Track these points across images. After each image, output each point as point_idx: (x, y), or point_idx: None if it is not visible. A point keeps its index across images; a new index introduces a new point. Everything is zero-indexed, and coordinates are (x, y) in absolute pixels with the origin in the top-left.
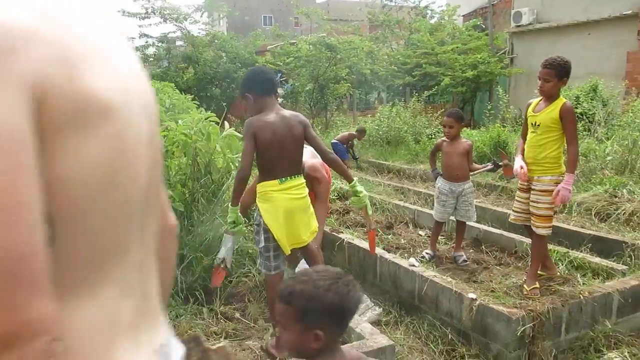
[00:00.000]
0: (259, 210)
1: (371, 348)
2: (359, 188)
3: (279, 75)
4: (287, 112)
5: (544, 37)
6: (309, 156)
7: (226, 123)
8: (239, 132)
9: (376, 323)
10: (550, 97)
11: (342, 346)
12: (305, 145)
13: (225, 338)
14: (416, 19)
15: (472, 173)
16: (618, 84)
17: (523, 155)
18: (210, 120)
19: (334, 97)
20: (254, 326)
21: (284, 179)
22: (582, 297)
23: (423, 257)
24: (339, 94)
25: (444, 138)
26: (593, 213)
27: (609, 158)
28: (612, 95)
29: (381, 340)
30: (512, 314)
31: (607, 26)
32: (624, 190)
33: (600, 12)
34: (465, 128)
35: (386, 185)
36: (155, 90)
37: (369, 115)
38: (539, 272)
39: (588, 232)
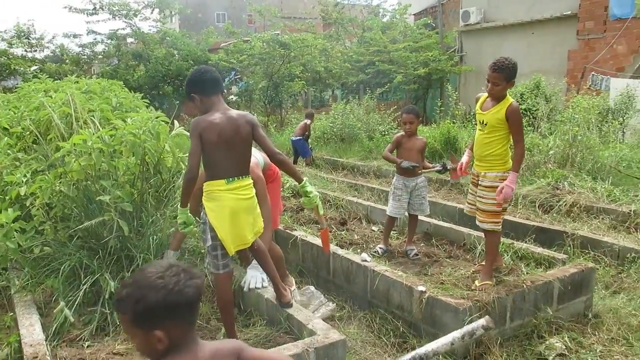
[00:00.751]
0: (204, 209)
1: (323, 344)
2: (309, 188)
3: (233, 73)
4: (234, 112)
5: (491, 36)
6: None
7: (176, 122)
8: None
9: (330, 319)
10: (498, 98)
11: (211, 342)
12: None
13: None
14: (368, 17)
15: (421, 171)
16: (560, 82)
17: (472, 150)
18: (159, 120)
19: (288, 95)
20: (206, 326)
21: (231, 179)
22: (525, 286)
23: (376, 251)
24: (293, 92)
25: (402, 133)
26: (537, 205)
27: (551, 152)
28: (554, 92)
29: (333, 335)
30: (459, 305)
31: (549, 26)
32: (565, 183)
33: (542, 12)
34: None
35: (340, 182)
36: (102, 88)
37: (323, 113)
38: (489, 282)
39: (532, 223)
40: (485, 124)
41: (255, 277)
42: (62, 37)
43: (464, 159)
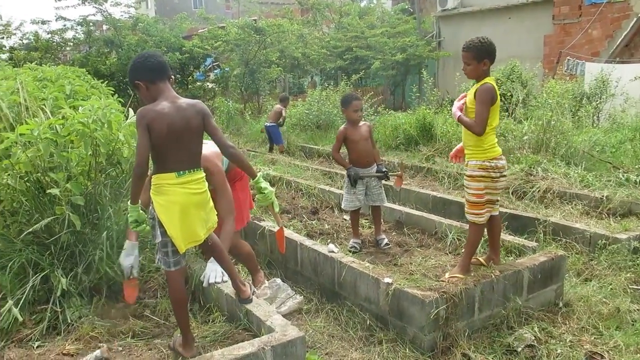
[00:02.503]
0: (153, 203)
1: (280, 341)
2: (264, 184)
3: (211, 60)
4: (183, 101)
5: (468, 21)
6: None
7: (131, 110)
8: None
9: (297, 312)
10: (476, 79)
11: None
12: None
13: (132, 337)
14: (346, 2)
15: (363, 174)
16: (535, 66)
17: None
18: (111, 108)
19: (265, 82)
20: (164, 323)
21: (181, 172)
22: (494, 276)
23: (353, 247)
24: (270, 78)
25: (345, 125)
26: (510, 192)
27: (525, 138)
28: (529, 77)
29: (291, 332)
30: (425, 297)
31: (525, 10)
32: (539, 169)
33: None
34: (393, 111)
35: (314, 169)
36: (57, 75)
37: (299, 99)
38: (461, 275)
39: (505, 210)
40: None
41: (215, 272)
42: (30, 23)
43: (458, 146)
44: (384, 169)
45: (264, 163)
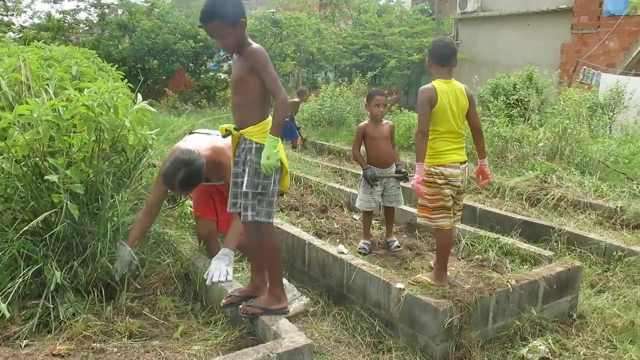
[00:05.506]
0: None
1: (287, 349)
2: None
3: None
4: None
5: (487, 25)
6: (207, 142)
7: (139, 95)
8: (175, 107)
9: (303, 314)
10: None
11: None
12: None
13: (129, 338)
14: None
15: (381, 174)
16: (552, 74)
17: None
18: (118, 92)
19: (279, 75)
20: (163, 323)
21: None
22: (509, 286)
23: (362, 248)
24: (284, 72)
25: (367, 122)
26: (524, 198)
27: (540, 144)
28: (546, 84)
29: (299, 339)
30: (439, 305)
31: (545, 18)
32: (554, 176)
33: (539, 4)
34: (407, 111)
35: (324, 166)
36: (63, 54)
37: (313, 95)
38: (429, 279)
39: (519, 217)
40: None
41: (219, 270)
42: (42, 1)
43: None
44: (404, 170)
45: None
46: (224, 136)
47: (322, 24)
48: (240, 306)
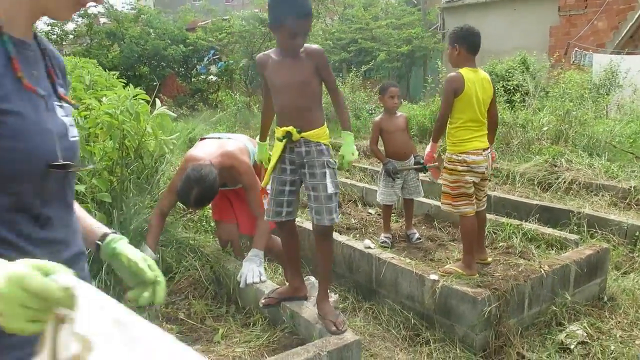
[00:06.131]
0: (327, 148)
1: (337, 346)
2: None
3: (212, 52)
4: None
5: (473, 13)
6: (218, 146)
7: (157, 101)
8: (171, 112)
9: None
10: (455, 66)
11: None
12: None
13: None
14: None
15: (401, 168)
16: (543, 57)
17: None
18: (139, 98)
19: None
20: (200, 327)
21: None
22: (543, 271)
23: (384, 242)
24: None
25: (381, 116)
26: (535, 183)
27: (544, 128)
28: (541, 67)
29: (347, 336)
30: (477, 294)
31: (530, 2)
32: (562, 160)
33: None
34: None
35: None
36: (72, 65)
37: None
38: (458, 269)
39: (534, 202)
40: None
41: (252, 271)
42: None
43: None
44: (422, 161)
45: None
46: (281, 139)
47: None
48: None
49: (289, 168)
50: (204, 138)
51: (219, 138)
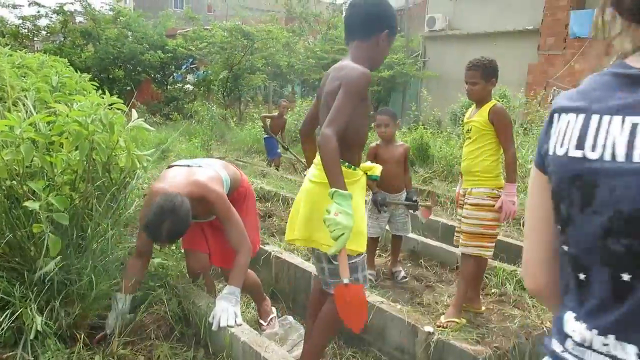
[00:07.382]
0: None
1: None
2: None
3: (190, 60)
4: None
5: (454, 43)
6: (186, 176)
7: (134, 111)
8: (145, 118)
9: None
10: (480, 101)
11: None
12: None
13: None
14: (334, 14)
15: (390, 202)
16: (520, 93)
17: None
18: (114, 108)
19: (248, 88)
20: None
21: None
22: (544, 328)
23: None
24: (253, 85)
25: (378, 142)
26: (521, 223)
27: (529, 166)
28: (519, 104)
29: None
30: (477, 353)
31: (511, 38)
32: None
33: (505, 25)
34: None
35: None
36: (39, 63)
37: (289, 110)
38: (458, 321)
39: (520, 243)
40: (471, 131)
41: (226, 312)
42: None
43: (459, 188)
44: (415, 198)
45: (255, 175)
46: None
47: (291, 37)
48: None
49: None
50: (172, 166)
51: (188, 166)
